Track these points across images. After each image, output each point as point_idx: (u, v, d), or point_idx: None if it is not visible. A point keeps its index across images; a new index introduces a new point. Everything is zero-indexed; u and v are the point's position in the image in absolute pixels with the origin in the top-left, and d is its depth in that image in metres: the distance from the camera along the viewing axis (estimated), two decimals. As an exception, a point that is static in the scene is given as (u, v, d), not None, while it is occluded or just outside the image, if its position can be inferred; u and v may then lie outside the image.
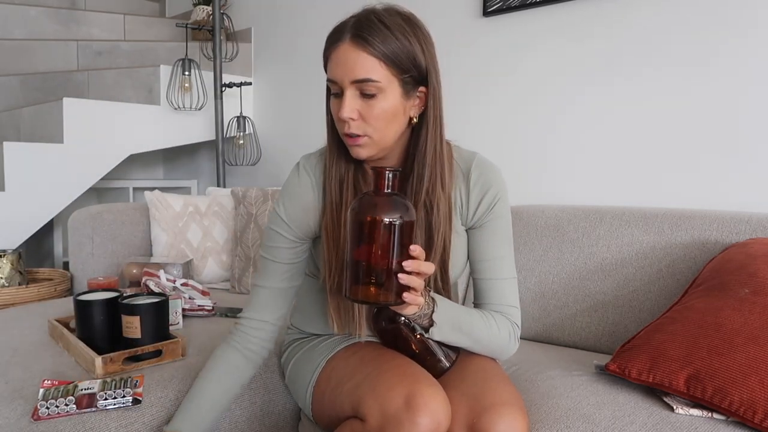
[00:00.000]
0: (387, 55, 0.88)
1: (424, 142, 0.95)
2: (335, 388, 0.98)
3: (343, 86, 0.90)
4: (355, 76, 0.88)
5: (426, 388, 0.86)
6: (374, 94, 0.89)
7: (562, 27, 1.77)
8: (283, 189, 1.06)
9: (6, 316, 1.55)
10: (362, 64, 0.88)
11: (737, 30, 1.47)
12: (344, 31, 0.89)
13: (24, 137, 2.51)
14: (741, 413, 0.91)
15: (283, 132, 2.65)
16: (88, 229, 1.95)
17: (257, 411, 1.21)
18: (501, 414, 0.87)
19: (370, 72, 0.88)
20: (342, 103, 0.90)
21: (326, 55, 0.93)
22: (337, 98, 0.92)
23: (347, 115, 0.89)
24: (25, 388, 1.07)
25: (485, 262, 1.03)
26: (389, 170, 0.83)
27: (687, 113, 1.56)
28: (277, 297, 1.06)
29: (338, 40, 0.90)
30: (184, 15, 3.29)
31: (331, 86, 0.92)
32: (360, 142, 0.92)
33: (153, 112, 2.49)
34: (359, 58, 0.87)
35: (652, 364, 1.03)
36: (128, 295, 1.26)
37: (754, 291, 1.03)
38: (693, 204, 1.55)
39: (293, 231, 1.04)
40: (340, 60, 0.89)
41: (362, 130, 0.91)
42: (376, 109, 0.90)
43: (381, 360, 0.97)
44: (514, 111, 1.89)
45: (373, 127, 0.91)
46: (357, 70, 0.88)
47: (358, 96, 0.90)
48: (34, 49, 2.86)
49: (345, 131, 0.92)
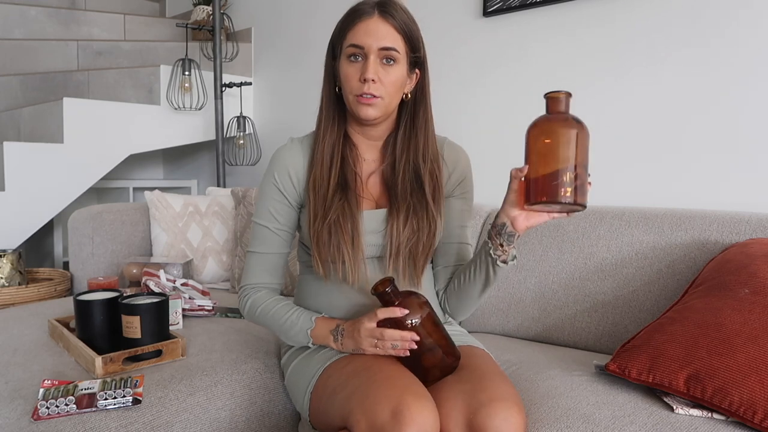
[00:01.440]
0: (406, 32, 1.05)
1: (423, 115, 1.12)
2: (330, 397, 0.98)
3: (368, 52, 1.03)
4: (383, 44, 1.03)
5: (413, 401, 0.86)
6: (393, 62, 1.04)
7: (562, 27, 1.77)
8: (273, 158, 1.18)
9: (6, 316, 1.55)
10: (390, 35, 1.03)
11: (738, 30, 1.47)
12: (372, 7, 1.04)
13: (24, 137, 2.51)
14: (741, 413, 0.91)
15: (283, 132, 2.65)
16: (88, 229, 1.95)
17: (257, 411, 1.21)
18: (498, 409, 0.88)
19: (394, 42, 1.04)
20: (366, 66, 1.03)
21: (349, 26, 1.05)
22: (355, 63, 1.04)
23: (372, 76, 1.02)
24: (25, 388, 1.07)
25: (459, 229, 1.19)
26: (564, 92, 0.93)
27: (687, 113, 1.56)
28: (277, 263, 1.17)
29: (366, 14, 1.04)
30: (184, 15, 3.29)
31: (354, 51, 1.04)
32: (373, 102, 1.04)
33: (153, 112, 2.49)
34: (388, 30, 1.03)
35: (652, 364, 1.03)
36: (128, 295, 1.26)
37: (754, 291, 1.03)
38: (693, 204, 1.55)
39: (284, 191, 1.14)
40: (371, 29, 1.03)
41: (379, 92, 1.04)
42: (391, 76, 1.04)
43: (372, 371, 0.97)
44: (513, 111, 1.89)
45: (386, 90, 1.05)
46: (386, 39, 1.03)
47: (379, 62, 1.04)
48: (34, 49, 2.86)
49: (365, 91, 1.03)
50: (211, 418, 1.13)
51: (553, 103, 0.94)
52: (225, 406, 1.16)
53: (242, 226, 1.96)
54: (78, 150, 2.29)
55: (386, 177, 1.15)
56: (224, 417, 1.15)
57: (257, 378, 1.23)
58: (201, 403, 1.12)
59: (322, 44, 2.46)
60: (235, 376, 1.21)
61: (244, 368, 1.24)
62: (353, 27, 1.04)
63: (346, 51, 1.05)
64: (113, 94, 2.57)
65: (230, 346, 1.33)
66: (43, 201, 2.21)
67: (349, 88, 1.06)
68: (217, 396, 1.16)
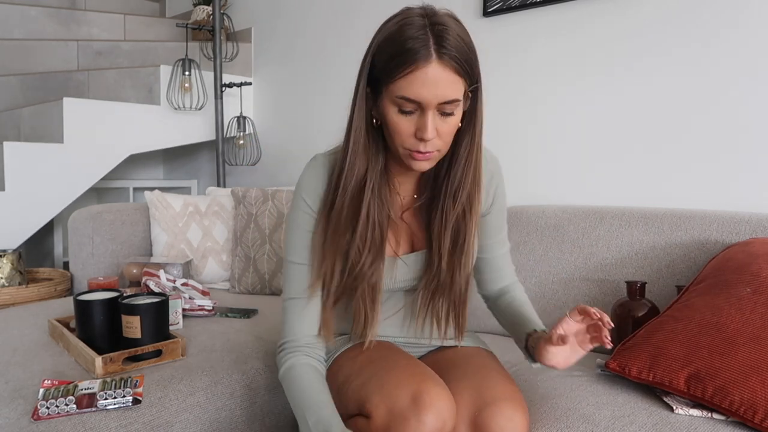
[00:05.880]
0: (467, 71, 0.87)
1: (469, 144, 0.95)
2: (341, 386, 0.98)
3: (426, 108, 0.86)
4: (445, 97, 0.85)
5: (433, 387, 0.87)
6: (453, 113, 0.88)
7: (562, 27, 1.77)
8: (299, 184, 1.01)
9: (6, 316, 1.55)
10: (452, 86, 0.85)
11: (738, 29, 1.47)
12: (427, 47, 0.83)
13: (24, 137, 2.51)
14: (741, 413, 0.91)
15: (283, 132, 2.65)
16: (88, 229, 1.95)
17: (257, 411, 1.21)
18: (503, 408, 0.89)
19: (455, 92, 0.86)
20: (424, 124, 0.86)
21: (399, 71, 0.85)
22: (407, 115, 0.87)
23: (431, 136, 0.87)
24: (25, 388, 1.07)
25: (493, 240, 1.11)
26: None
27: (687, 113, 1.56)
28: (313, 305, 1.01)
29: (422, 58, 0.83)
30: (184, 15, 3.29)
31: (408, 106, 0.86)
32: (430, 157, 0.90)
33: (153, 112, 2.49)
34: (449, 77, 0.85)
35: (652, 362, 1.02)
36: (128, 295, 1.25)
37: (755, 290, 1.03)
38: (693, 204, 1.55)
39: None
40: (429, 80, 0.84)
41: (436, 147, 0.89)
42: (450, 126, 0.89)
43: (388, 359, 0.97)
44: (514, 111, 1.89)
45: (444, 141, 0.90)
46: (448, 91, 0.85)
47: (438, 115, 0.87)
48: (34, 49, 2.85)
49: (421, 149, 0.88)
50: (211, 418, 1.13)
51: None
52: (225, 406, 1.16)
53: (242, 226, 1.96)
54: (78, 150, 2.29)
55: (422, 215, 1.03)
56: (224, 417, 1.15)
57: (257, 378, 1.23)
58: (201, 403, 1.12)
59: (322, 44, 2.46)
60: (235, 376, 1.21)
61: (244, 368, 1.24)
62: (405, 74, 0.84)
63: (397, 101, 0.87)
64: (113, 94, 2.57)
65: (230, 346, 1.32)
66: (43, 201, 2.21)
67: (399, 140, 0.90)
68: (217, 396, 1.15)
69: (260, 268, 1.90)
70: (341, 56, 2.39)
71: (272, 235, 1.91)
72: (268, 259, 1.90)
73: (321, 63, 2.46)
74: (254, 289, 1.91)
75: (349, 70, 2.32)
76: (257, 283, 1.90)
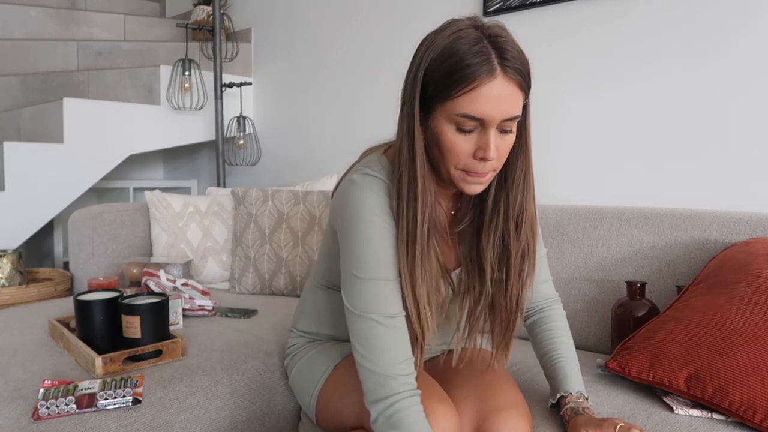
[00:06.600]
0: (527, 83, 0.83)
1: (523, 166, 0.89)
2: (342, 397, 0.97)
3: (489, 125, 0.80)
4: (509, 114, 0.80)
5: (437, 404, 0.86)
6: (511, 129, 0.83)
7: (562, 27, 1.77)
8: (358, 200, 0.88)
9: (6, 316, 1.55)
10: (515, 98, 0.80)
11: (737, 29, 1.47)
12: (490, 61, 0.78)
13: (24, 137, 2.51)
14: (741, 413, 0.91)
15: (283, 132, 2.65)
16: (88, 229, 1.95)
17: (257, 411, 1.21)
18: (507, 417, 0.88)
19: (519, 108, 0.82)
20: (487, 143, 0.80)
21: (461, 86, 0.78)
22: (467, 134, 0.81)
23: (494, 156, 0.81)
24: (25, 388, 1.07)
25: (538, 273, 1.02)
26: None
27: (687, 113, 1.56)
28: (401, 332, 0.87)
29: (486, 72, 0.78)
30: (184, 15, 3.29)
31: (469, 124, 0.80)
32: (487, 177, 0.85)
33: (153, 112, 2.49)
34: (513, 92, 0.80)
35: (652, 362, 1.02)
36: (128, 295, 1.26)
37: (755, 290, 1.03)
38: (693, 204, 1.55)
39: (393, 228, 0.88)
40: (493, 96, 0.78)
41: (492, 167, 0.84)
42: (507, 143, 0.84)
43: None
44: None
45: (501, 160, 0.85)
46: (512, 106, 0.80)
47: (498, 133, 0.82)
48: (34, 49, 2.86)
49: (480, 170, 0.83)
50: (211, 418, 1.13)
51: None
52: (225, 406, 1.16)
53: (242, 226, 1.96)
54: (78, 150, 2.29)
55: (463, 235, 0.97)
56: (224, 417, 1.15)
57: (257, 378, 1.23)
58: (201, 403, 1.12)
59: (322, 44, 2.47)
60: (235, 376, 1.21)
61: (244, 368, 1.24)
62: (468, 90, 0.78)
63: (456, 120, 0.80)
64: (113, 94, 2.57)
65: (230, 346, 1.32)
66: (43, 201, 2.21)
67: (454, 161, 0.83)
68: (217, 396, 1.15)
69: (260, 268, 1.90)
70: (341, 56, 2.39)
71: (272, 235, 1.91)
72: (268, 259, 1.90)
73: (321, 63, 2.46)
74: (254, 289, 1.91)
75: (349, 69, 2.32)
76: (257, 283, 1.90)
